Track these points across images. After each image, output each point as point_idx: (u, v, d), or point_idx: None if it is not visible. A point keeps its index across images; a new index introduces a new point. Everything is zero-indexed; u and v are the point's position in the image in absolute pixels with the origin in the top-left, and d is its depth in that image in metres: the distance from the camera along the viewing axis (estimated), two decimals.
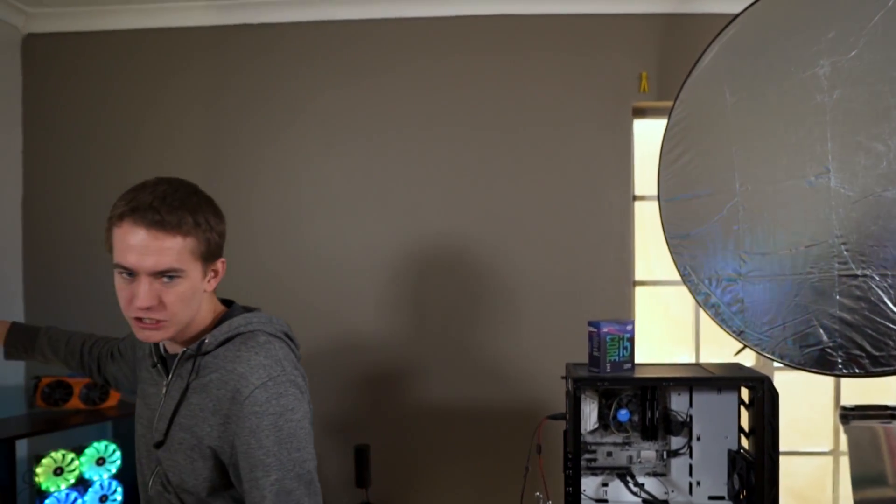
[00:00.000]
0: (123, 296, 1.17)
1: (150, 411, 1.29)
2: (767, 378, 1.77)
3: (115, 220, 1.15)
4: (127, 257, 1.12)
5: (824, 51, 2.06)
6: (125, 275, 1.15)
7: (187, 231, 1.14)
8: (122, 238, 1.13)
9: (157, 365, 1.31)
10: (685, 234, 2.41)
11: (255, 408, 1.13)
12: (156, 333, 1.18)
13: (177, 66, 2.72)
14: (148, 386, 1.34)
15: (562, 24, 2.63)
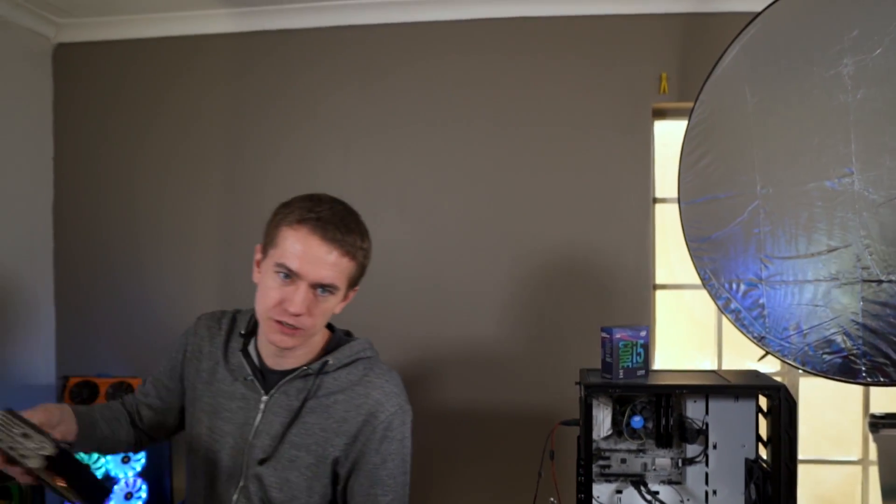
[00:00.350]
0: (273, 296, 1.16)
1: (235, 426, 1.25)
2: (784, 386, 1.73)
3: (292, 221, 1.16)
4: (296, 262, 1.14)
5: (847, 49, 2.01)
6: (282, 275, 1.15)
7: (353, 255, 1.18)
8: (294, 241, 1.15)
9: (254, 379, 1.26)
10: (706, 237, 2.37)
11: (388, 433, 1.23)
12: (290, 340, 1.18)
13: (199, 72, 2.78)
14: (227, 400, 1.26)
15: (580, 25, 2.61)
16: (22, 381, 2.63)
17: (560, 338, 2.60)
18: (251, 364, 1.27)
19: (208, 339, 1.33)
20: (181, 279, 2.77)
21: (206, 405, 1.28)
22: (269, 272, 1.17)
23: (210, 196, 2.78)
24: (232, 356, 1.30)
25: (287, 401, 1.24)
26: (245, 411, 1.25)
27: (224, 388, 1.28)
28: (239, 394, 1.26)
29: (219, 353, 1.31)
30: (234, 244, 2.76)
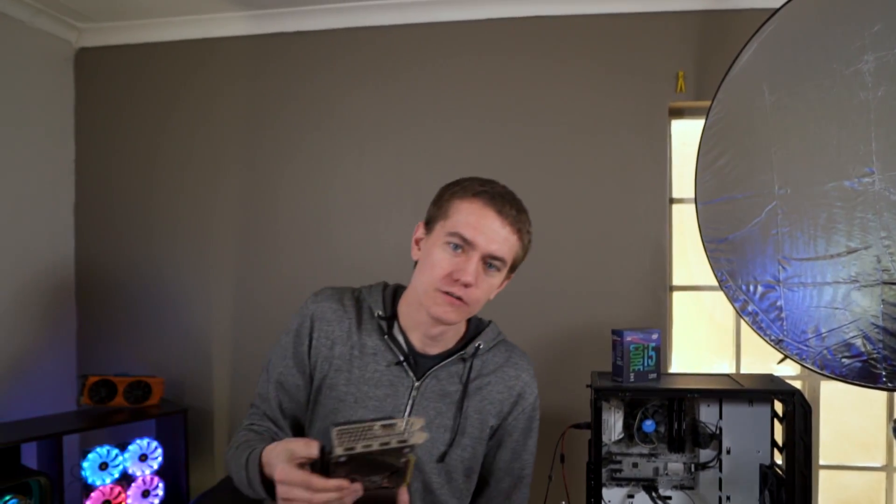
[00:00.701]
0: (443, 266, 1.15)
1: (381, 410, 1.20)
2: (798, 391, 1.69)
3: (466, 194, 1.17)
4: (470, 230, 1.14)
5: (868, 45, 1.96)
6: (452, 247, 1.15)
7: (521, 234, 1.20)
8: (469, 212, 1.15)
9: (405, 364, 1.23)
10: (723, 238, 2.33)
11: (534, 413, 1.33)
12: (453, 312, 1.17)
13: (215, 74, 2.80)
14: (372, 387, 1.21)
15: (596, 24, 2.58)
16: (44, 379, 2.68)
17: (574, 340, 2.57)
18: (399, 348, 1.23)
19: (336, 322, 1.24)
20: (199, 279, 2.81)
21: (345, 394, 1.21)
22: (438, 244, 1.16)
23: (227, 197, 2.81)
24: (368, 339, 1.23)
25: (439, 385, 1.23)
26: (393, 398, 1.21)
27: (367, 376, 1.21)
28: (386, 380, 1.21)
29: (353, 338, 1.23)
30: (250, 244, 2.79)
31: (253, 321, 2.78)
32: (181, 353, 2.79)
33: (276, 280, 2.75)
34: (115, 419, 2.48)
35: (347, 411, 1.20)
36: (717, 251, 2.34)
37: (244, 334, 2.77)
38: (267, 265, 2.78)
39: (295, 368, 1.25)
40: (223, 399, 2.79)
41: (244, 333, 2.77)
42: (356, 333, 1.23)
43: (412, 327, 1.25)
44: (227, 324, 2.79)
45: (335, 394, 1.22)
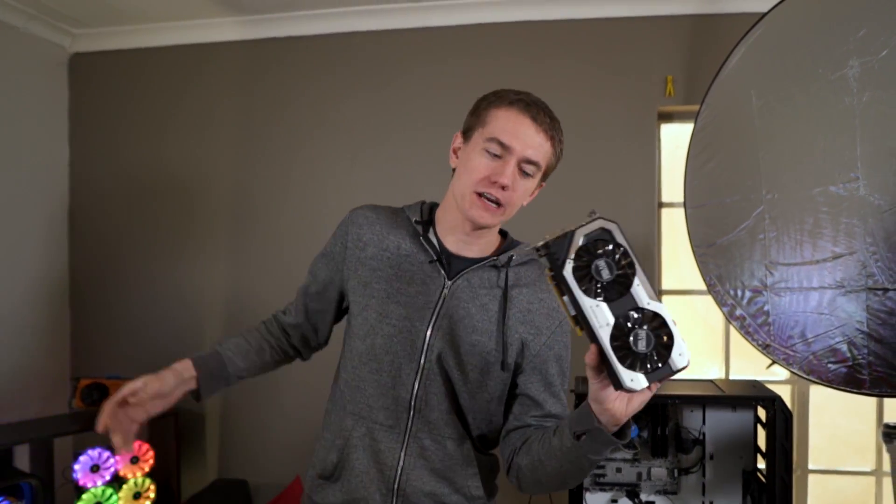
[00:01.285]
0: (481, 170, 1.19)
1: (413, 309, 1.23)
2: (779, 397, 1.70)
3: (503, 103, 1.21)
4: (507, 136, 1.19)
5: (853, 51, 1.96)
6: (490, 152, 1.19)
7: (554, 143, 1.25)
8: (507, 119, 1.20)
9: (438, 262, 1.26)
10: (711, 242, 2.33)
11: (565, 338, 1.29)
12: (488, 216, 1.22)
13: (209, 79, 2.82)
14: (405, 284, 1.25)
15: (585, 29, 2.58)
16: (36, 382, 2.71)
17: None
18: (433, 248, 1.26)
19: (367, 226, 1.31)
20: (191, 284, 2.82)
21: (378, 290, 1.26)
22: (476, 150, 1.20)
23: (220, 201, 2.82)
24: (402, 242, 1.29)
25: (470, 287, 1.26)
26: (425, 296, 1.24)
27: (400, 274, 1.26)
28: (418, 278, 1.25)
29: (386, 241, 1.29)
30: (242, 249, 2.80)
31: (245, 325, 2.78)
32: (173, 356, 2.77)
33: (268, 286, 2.77)
34: None
35: (379, 306, 1.24)
36: (705, 255, 2.34)
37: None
38: (259, 270, 2.79)
39: (329, 268, 1.34)
40: (215, 402, 2.81)
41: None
42: (390, 237, 1.29)
43: (447, 231, 1.28)
44: (219, 328, 2.81)
45: (368, 290, 1.26)
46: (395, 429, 1.22)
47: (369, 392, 1.24)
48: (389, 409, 1.23)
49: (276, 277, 2.76)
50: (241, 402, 2.78)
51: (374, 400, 1.23)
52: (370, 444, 1.23)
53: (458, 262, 1.27)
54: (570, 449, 1.04)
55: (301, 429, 2.69)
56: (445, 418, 1.24)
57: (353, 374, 1.26)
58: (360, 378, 1.25)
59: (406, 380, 1.23)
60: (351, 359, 1.28)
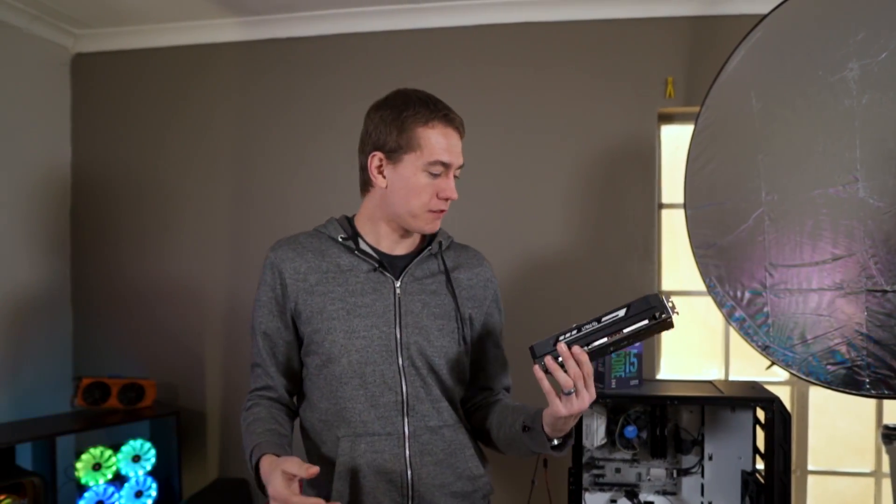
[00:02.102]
0: (428, 191, 1.27)
1: (376, 317, 1.28)
2: (778, 399, 1.70)
3: (427, 122, 1.26)
4: (446, 155, 1.26)
5: (853, 53, 1.96)
6: (432, 173, 1.26)
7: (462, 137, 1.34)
8: (438, 138, 1.26)
9: (382, 267, 1.31)
10: (711, 243, 2.33)
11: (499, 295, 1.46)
12: (438, 223, 1.33)
13: (210, 80, 2.83)
14: (359, 296, 1.28)
15: (585, 30, 2.59)
16: (38, 381, 2.72)
17: None
18: (371, 257, 1.31)
19: (300, 258, 1.32)
20: (192, 283, 2.83)
21: (336, 311, 1.28)
22: (416, 173, 1.26)
23: (221, 201, 2.83)
24: (338, 259, 1.32)
25: (416, 280, 1.34)
26: (381, 301, 1.29)
27: (350, 288, 1.29)
28: (369, 287, 1.30)
29: (323, 264, 1.32)
30: (244, 248, 2.81)
31: (245, 325, 2.79)
32: (175, 356, 2.82)
33: None
34: (109, 420, 2.51)
35: (342, 324, 1.27)
36: (705, 257, 2.34)
37: (237, 337, 2.79)
38: (260, 270, 2.80)
39: (277, 315, 1.32)
40: (216, 401, 2.82)
41: (237, 336, 2.79)
42: (325, 259, 1.31)
43: (378, 240, 1.35)
44: (220, 327, 2.82)
45: (326, 314, 1.28)
46: (393, 434, 1.25)
47: (359, 408, 1.26)
48: (384, 417, 1.25)
49: None
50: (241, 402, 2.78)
51: (367, 413, 1.25)
52: (374, 458, 1.24)
53: (396, 261, 1.34)
54: (516, 433, 1.28)
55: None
56: (437, 407, 1.30)
57: (334, 398, 1.27)
58: (346, 398, 1.26)
59: (392, 383, 1.26)
60: (326, 386, 1.28)
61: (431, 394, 1.30)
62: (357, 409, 1.25)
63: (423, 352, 1.29)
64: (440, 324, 1.33)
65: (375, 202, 1.33)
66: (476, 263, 1.43)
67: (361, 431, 1.24)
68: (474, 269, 1.42)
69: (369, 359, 1.26)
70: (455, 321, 1.34)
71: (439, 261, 1.38)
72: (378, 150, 1.30)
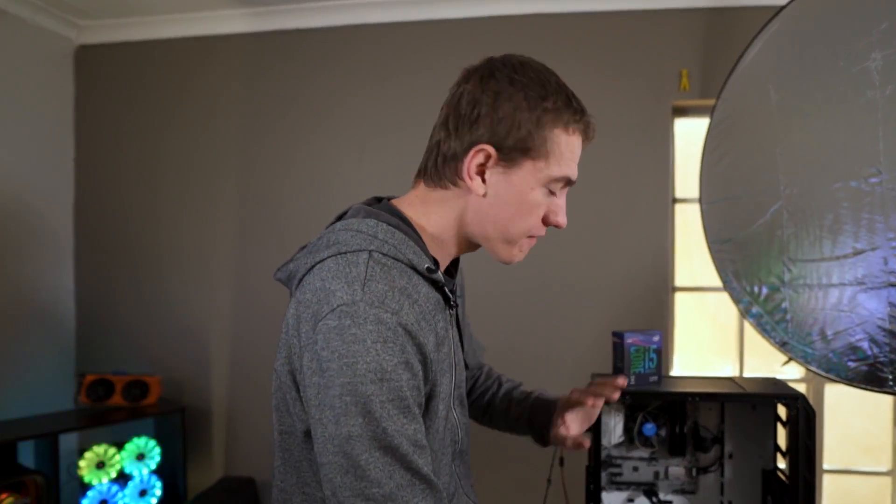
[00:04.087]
0: (538, 212, 0.96)
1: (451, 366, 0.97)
2: (802, 395, 1.66)
3: (569, 123, 0.96)
4: (575, 171, 0.98)
5: (876, 43, 1.93)
6: (549, 189, 0.96)
7: None
8: (572, 148, 0.96)
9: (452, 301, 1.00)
10: (727, 238, 2.29)
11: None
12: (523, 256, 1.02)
13: (216, 71, 2.79)
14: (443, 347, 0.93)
15: (598, 22, 2.55)
16: (41, 377, 2.67)
17: (575, 340, 2.55)
18: (445, 293, 0.96)
19: (423, 318, 0.88)
20: (198, 277, 2.79)
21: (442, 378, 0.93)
22: (534, 188, 0.94)
23: (227, 195, 2.79)
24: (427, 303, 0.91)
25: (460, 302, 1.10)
26: (451, 344, 0.97)
27: (438, 339, 0.92)
28: (445, 329, 0.95)
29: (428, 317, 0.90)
30: (250, 243, 2.77)
31: (252, 320, 2.76)
32: (179, 352, 2.78)
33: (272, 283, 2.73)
34: (113, 418, 2.47)
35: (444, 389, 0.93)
36: (721, 252, 2.30)
37: (243, 333, 2.75)
38: (267, 263, 2.75)
39: (418, 412, 0.86)
40: (222, 398, 2.78)
41: (243, 332, 2.75)
42: (422, 306, 0.89)
43: (443, 261, 1.03)
44: (227, 322, 2.77)
45: (439, 389, 0.93)
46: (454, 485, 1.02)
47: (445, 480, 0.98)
48: (449, 469, 1.00)
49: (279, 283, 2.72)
50: (247, 399, 2.75)
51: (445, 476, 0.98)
52: None
53: (449, 284, 1.00)
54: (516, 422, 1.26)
55: None
56: (468, 441, 1.10)
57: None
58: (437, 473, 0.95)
59: (456, 432, 1.01)
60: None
61: (469, 429, 1.09)
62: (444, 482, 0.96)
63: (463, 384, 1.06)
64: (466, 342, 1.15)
65: (457, 212, 0.98)
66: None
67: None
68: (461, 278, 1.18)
69: (450, 418, 0.97)
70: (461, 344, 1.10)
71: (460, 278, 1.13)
72: (490, 144, 0.93)
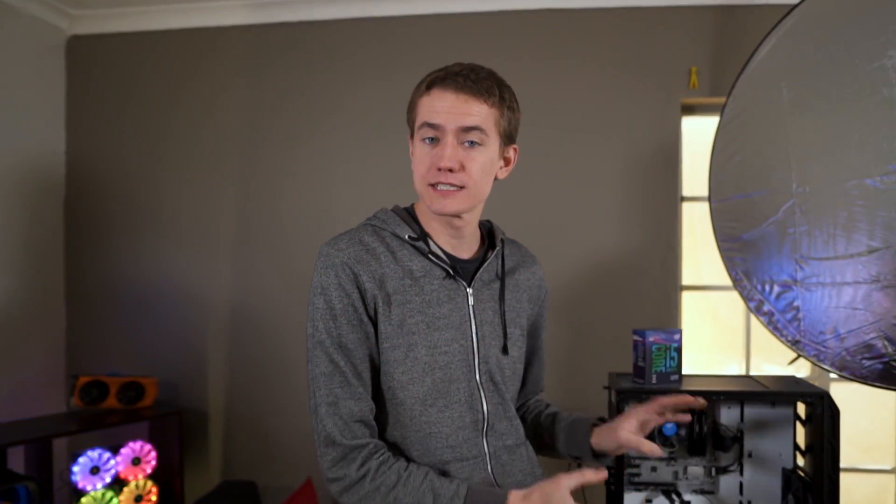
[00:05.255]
0: (424, 162, 1.14)
1: (455, 329, 1.16)
2: (827, 393, 1.65)
3: (423, 90, 1.15)
4: (436, 116, 1.12)
5: (892, 40, 1.93)
6: (427, 140, 1.13)
7: (492, 103, 1.14)
8: (429, 104, 1.13)
9: (455, 274, 1.18)
10: (737, 237, 2.28)
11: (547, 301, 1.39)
12: (451, 202, 1.14)
13: (215, 65, 2.72)
14: (437, 307, 1.15)
15: (607, 18, 2.53)
16: (32, 379, 2.57)
17: (584, 339, 2.52)
18: (443, 261, 1.17)
19: (374, 260, 1.14)
20: (195, 276, 2.71)
21: (417, 324, 1.14)
22: (417, 143, 1.16)
23: (226, 193, 2.72)
24: (411, 264, 1.16)
25: (486, 286, 1.23)
26: (458, 311, 1.17)
27: (427, 298, 1.15)
28: (444, 296, 1.17)
29: (398, 268, 1.15)
30: (249, 241, 2.70)
31: (251, 320, 2.69)
32: (175, 353, 2.70)
33: (276, 277, 2.67)
34: (107, 421, 2.38)
35: (425, 339, 1.14)
36: (731, 250, 2.29)
37: (241, 333, 2.68)
38: (266, 261, 2.69)
39: (356, 325, 1.12)
40: (219, 400, 2.70)
41: (241, 332, 2.68)
42: (397, 263, 1.15)
43: (438, 237, 1.21)
44: (224, 322, 2.70)
45: (406, 328, 1.13)
46: (478, 457, 1.16)
47: (446, 432, 1.14)
48: (470, 440, 1.16)
49: (282, 272, 2.65)
50: (246, 401, 2.68)
51: (454, 438, 1.14)
52: None
53: (463, 266, 1.21)
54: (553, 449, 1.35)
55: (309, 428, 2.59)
56: (513, 424, 1.24)
57: (415, 423, 1.14)
58: (431, 423, 1.14)
59: (476, 403, 1.17)
60: (404, 411, 1.14)
61: (508, 410, 1.23)
62: (444, 434, 1.14)
63: (493, 368, 1.20)
64: (514, 332, 1.25)
65: None
66: (532, 262, 1.35)
67: (449, 458, 1.13)
68: (531, 267, 1.34)
69: (453, 377, 1.15)
70: (521, 328, 1.28)
71: (498, 262, 1.27)
72: (408, 135, 1.21)
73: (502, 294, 1.24)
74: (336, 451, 1.08)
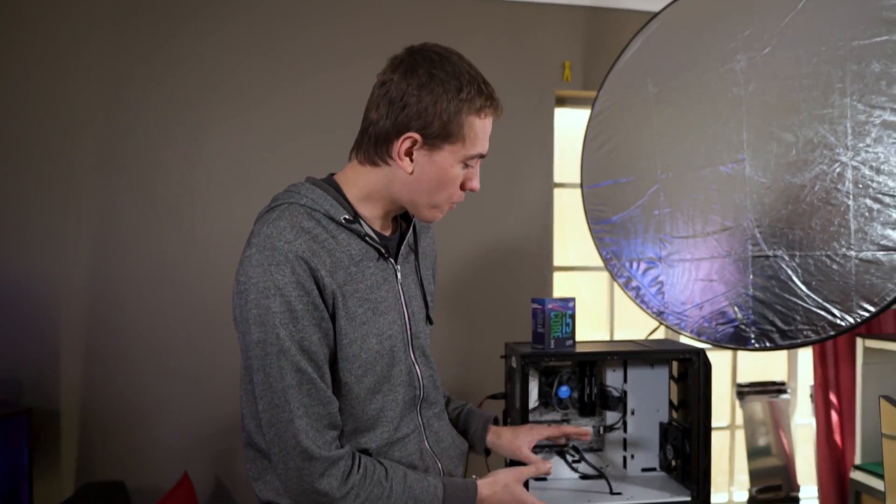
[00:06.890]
0: (457, 183, 1.15)
1: (394, 311, 1.17)
2: (703, 350, 1.86)
3: (474, 109, 1.12)
4: (485, 146, 1.16)
5: (741, 47, 2.21)
6: (466, 164, 1.15)
7: None
8: (482, 130, 1.14)
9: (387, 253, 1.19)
10: (607, 219, 2.49)
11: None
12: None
13: (75, 15, 2.43)
14: (376, 290, 1.14)
15: (485, 10, 2.64)
16: None
17: (467, 317, 2.60)
18: (376, 242, 1.16)
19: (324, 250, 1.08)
20: (45, 261, 2.41)
21: (364, 315, 1.11)
22: (454, 165, 1.13)
23: (83, 169, 2.46)
24: (349, 248, 1.12)
25: (405, 261, 1.25)
26: (392, 291, 1.18)
27: (369, 283, 1.14)
28: (381, 277, 1.16)
29: (340, 255, 1.10)
30: (110, 223, 2.46)
31: (111, 311, 2.45)
32: (20, 347, 2.38)
33: (140, 262, 2.46)
34: None
35: (374, 328, 1.13)
36: (601, 232, 2.50)
37: (102, 324, 2.43)
38: (128, 246, 2.47)
39: (316, 325, 1.06)
40: (72, 398, 2.43)
41: (102, 323, 2.43)
42: (339, 249, 1.11)
43: (373, 220, 1.21)
44: (81, 313, 2.43)
45: (358, 320, 1.11)
46: (415, 431, 1.22)
47: (391, 415, 1.16)
48: (408, 416, 1.21)
49: (148, 254, 2.45)
50: (107, 396, 2.43)
51: (398, 419, 1.18)
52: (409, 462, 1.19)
53: (389, 243, 1.22)
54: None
55: (183, 423, 2.42)
56: (437, 394, 1.30)
57: (367, 411, 1.14)
58: (378, 409, 1.15)
59: (413, 380, 1.21)
60: (354, 399, 1.13)
61: (437, 379, 1.29)
62: (389, 417, 1.15)
63: (426, 335, 1.26)
64: (428, 300, 1.32)
65: (384, 182, 1.15)
66: (427, 227, 1.38)
67: (394, 438, 1.17)
68: (428, 232, 1.39)
69: (396, 358, 1.16)
70: (430, 295, 1.33)
71: (412, 234, 1.28)
72: (417, 132, 1.10)
73: (417, 265, 1.28)
74: (316, 466, 1.05)
